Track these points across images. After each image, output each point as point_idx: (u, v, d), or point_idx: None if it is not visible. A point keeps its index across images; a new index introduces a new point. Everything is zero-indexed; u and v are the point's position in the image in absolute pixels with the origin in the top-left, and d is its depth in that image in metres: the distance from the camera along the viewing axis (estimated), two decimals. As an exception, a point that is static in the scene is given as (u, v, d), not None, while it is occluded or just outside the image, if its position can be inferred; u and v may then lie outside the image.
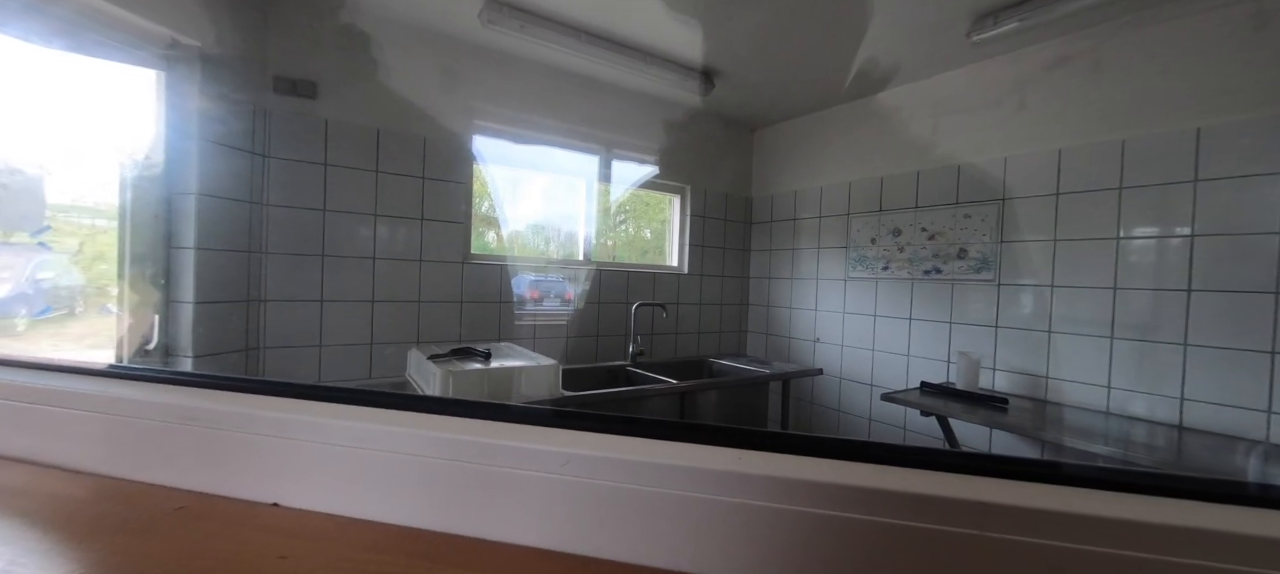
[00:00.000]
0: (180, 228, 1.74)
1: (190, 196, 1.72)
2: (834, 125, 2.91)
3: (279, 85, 1.92)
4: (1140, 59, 1.85)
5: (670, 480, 0.36)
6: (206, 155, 1.75)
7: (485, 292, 2.42)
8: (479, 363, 1.71)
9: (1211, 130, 1.69)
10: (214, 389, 0.51)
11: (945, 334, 2.40)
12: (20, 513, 0.42)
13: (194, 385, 0.52)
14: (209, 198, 1.76)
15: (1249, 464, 1.54)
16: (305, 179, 1.98)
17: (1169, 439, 1.71)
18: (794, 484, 0.35)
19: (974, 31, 1.99)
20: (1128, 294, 1.86)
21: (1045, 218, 2.08)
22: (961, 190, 2.35)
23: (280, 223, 1.95)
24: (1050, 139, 2.06)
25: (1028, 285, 2.13)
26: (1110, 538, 0.32)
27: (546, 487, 0.40)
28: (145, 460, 0.48)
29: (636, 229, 3.20)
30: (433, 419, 0.45)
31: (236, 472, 0.46)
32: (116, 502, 0.44)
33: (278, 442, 0.44)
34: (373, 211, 2.12)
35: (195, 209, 1.72)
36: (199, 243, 1.73)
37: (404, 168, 2.18)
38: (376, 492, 0.43)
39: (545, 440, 0.40)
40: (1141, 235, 1.84)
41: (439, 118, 2.26)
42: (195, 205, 1.72)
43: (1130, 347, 1.86)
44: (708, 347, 3.20)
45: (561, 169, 2.75)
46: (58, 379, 0.54)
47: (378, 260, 2.14)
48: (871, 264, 2.69)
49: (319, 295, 2.02)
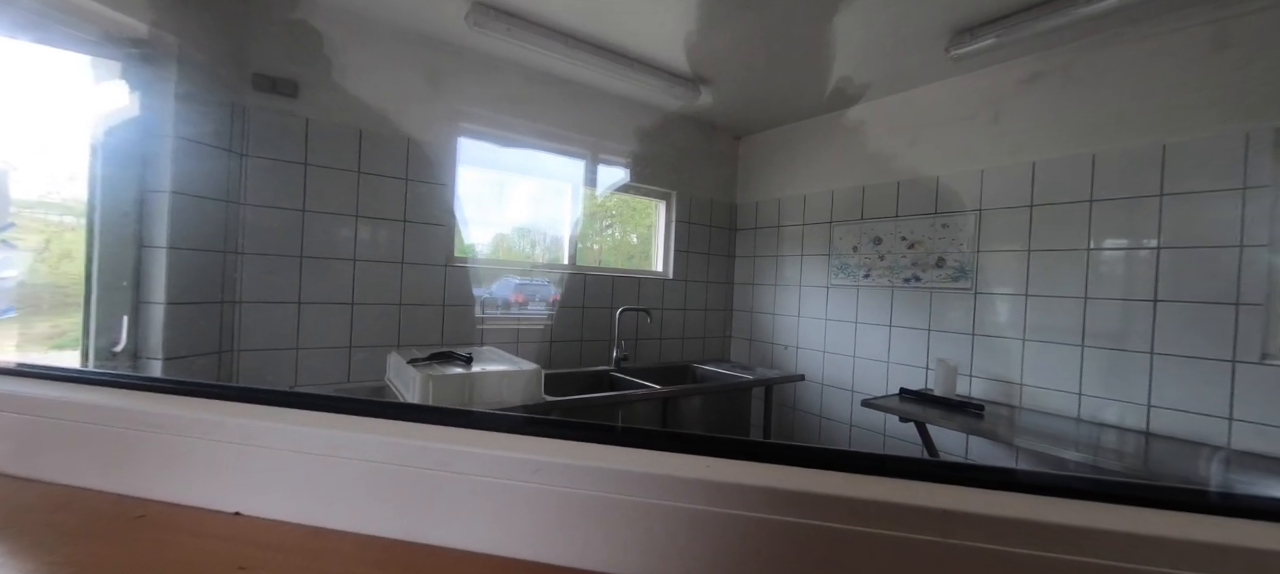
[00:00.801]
0: (152, 227, 1.70)
1: (163, 194, 1.68)
2: (818, 134, 2.96)
3: (259, 83, 1.89)
4: (1109, 77, 1.91)
5: (636, 488, 0.36)
6: (181, 153, 1.71)
7: (468, 295, 2.39)
8: (460, 367, 1.70)
9: (1176, 146, 1.76)
10: (177, 395, 0.49)
11: (924, 341, 2.44)
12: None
13: (156, 391, 0.50)
14: (183, 196, 1.72)
15: (1211, 470, 1.59)
16: (284, 179, 1.94)
17: (1137, 445, 1.76)
18: (758, 491, 0.35)
19: (952, 46, 2.04)
20: (1098, 303, 1.92)
21: (1019, 229, 2.13)
22: (940, 200, 2.40)
23: (257, 223, 1.91)
24: (1024, 152, 2.12)
25: (1003, 294, 2.18)
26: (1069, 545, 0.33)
27: (508, 493, 0.39)
28: (105, 468, 0.47)
29: (623, 234, 3.20)
30: (396, 425, 0.44)
31: (198, 480, 0.45)
32: (74, 510, 0.43)
33: (241, 449, 0.43)
34: (354, 213, 2.09)
35: (168, 207, 1.68)
36: (172, 242, 1.69)
37: (387, 169, 2.15)
38: (340, 500, 0.42)
39: (508, 447, 0.40)
40: (1111, 247, 1.90)
41: (424, 119, 2.24)
42: (168, 204, 1.68)
43: (1100, 355, 1.91)
44: (692, 352, 3.21)
45: (547, 173, 2.75)
46: (14, 383, 0.52)
47: (358, 262, 2.11)
48: (853, 272, 2.73)
49: (296, 297, 1.99)
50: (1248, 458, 1.59)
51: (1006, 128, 2.18)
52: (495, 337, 2.47)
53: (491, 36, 2.11)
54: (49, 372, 0.53)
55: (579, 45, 2.24)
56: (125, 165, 1.66)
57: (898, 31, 2.05)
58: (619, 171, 2.89)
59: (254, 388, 0.48)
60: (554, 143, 2.66)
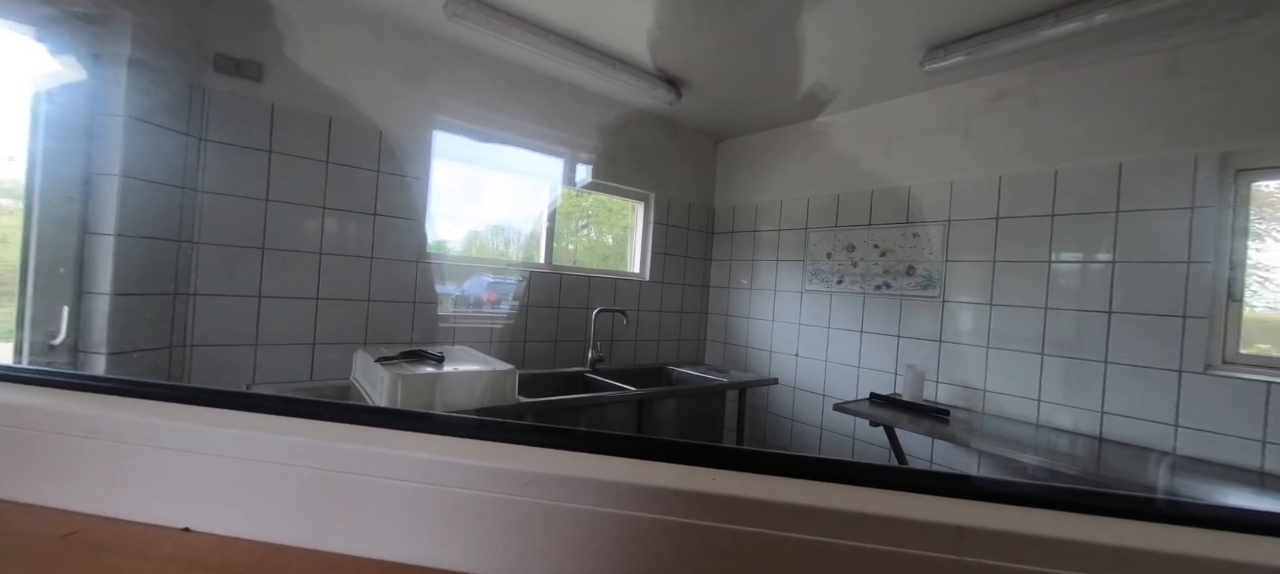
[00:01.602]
0: (98, 212, 1.59)
1: (112, 178, 1.58)
2: (795, 141, 3.00)
3: (221, 64, 1.79)
4: (1070, 97, 2.00)
5: (637, 500, 0.35)
6: (133, 133, 1.61)
7: (441, 292, 2.33)
8: (431, 366, 1.64)
9: (1131, 166, 1.85)
10: (115, 395, 0.44)
11: (894, 347, 2.50)
12: None
13: (90, 390, 0.45)
14: (134, 180, 1.62)
15: (1159, 475, 1.67)
16: (246, 165, 1.85)
17: (1090, 450, 1.84)
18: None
19: (927, 61, 2.09)
20: (1057, 314, 2.00)
21: (985, 240, 2.20)
22: (911, 210, 2.46)
23: (215, 211, 1.81)
24: (992, 166, 2.19)
25: (968, 303, 2.25)
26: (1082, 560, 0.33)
27: (492, 506, 0.36)
28: (28, 477, 0.41)
29: (599, 234, 3.18)
30: (364, 431, 0.40)
31: (140, 491, 0.40)
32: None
33: (191, 457, 0.39)
34: (321, 204, 2.01)
35: (117, 192, 1.58)
36: (120, 229, 1.59)
37: (357, 160, 2.08)
38: (302, 513, 0.38)
39: (491, 457, 0.37)
40: (1070, 259, 1.99)
41: (398, 110, 2.17)
42: (117, 188, 1.58)
43: (1058, 363, 1.99)
44: (667, 354, 3.21)
45: (525, 170, 2.70)
46: None
47: (325, 256, 2.02)
48: (826, 278, 2.78)
49: (257, 291, 1.89)
50: (1192, 463, 1.68)
51: (976, 142, 2.25)
52: (468, 336, 2.41)
53: (470, 28, 2.06)
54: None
55: (559, 41, 2.21)
56: (70, 145, 1.56)
57: (875, 45, 2.10)
58: (596, 171, 2.87)
59: (204, 388, 0.43)
60: (532, 139, 2.62)
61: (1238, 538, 0.34)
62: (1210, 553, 0.32)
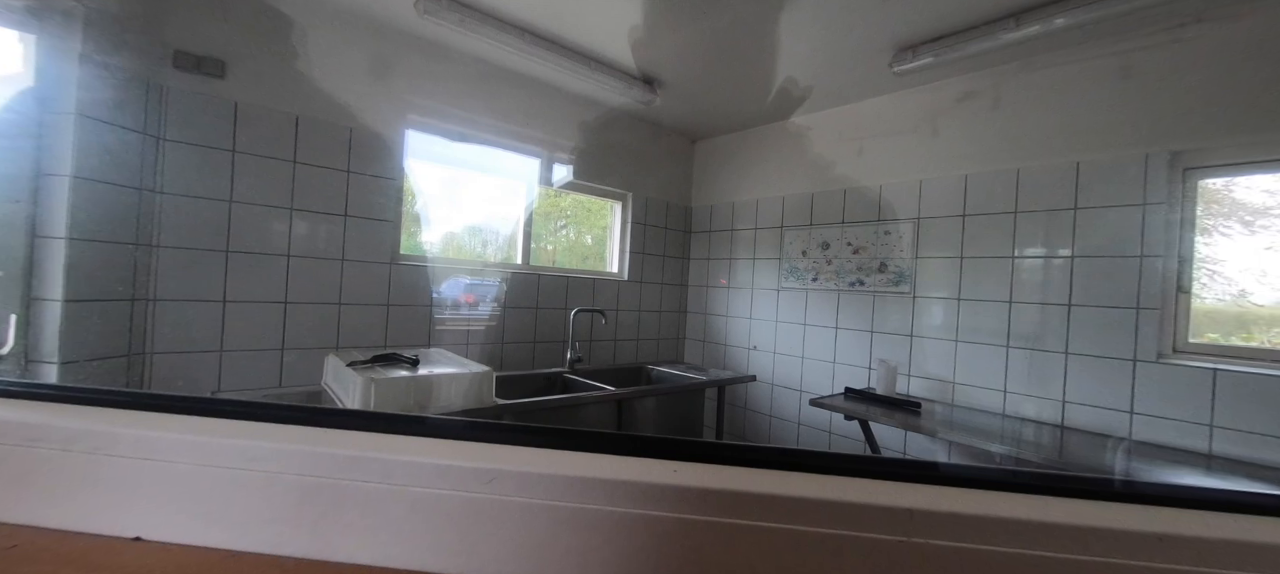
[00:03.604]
0: (48, 214, 1.52)
1: (62, 178, 1.51)
2: (770, 141, 3.04)
3: (181, 60, 1.73)
4: (1031, 99, 2.07)
5: (596, 494, 0.35)
6: (85, 132, 1.54)
7: (415, 295, 2.29)
8: (405, 370, 1.62)
9: (1089, 165, 1.92)
10: (60, 402, 0.42)
11: (867, 342, 2.55)
12: None
13: (33, 398, 0.43)
14: (87, 181, 1.55)
15: (1116, 459, 1.75)
16: (208, 166, 1.79)
17: (1053, 437, 1.91)
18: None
19: (896, 62, 2.14)
20: (1021, 307, 2.07)
21: (953, 237, 2.27)
22: (883, 209, 2.52)
23: (175, 213, 1.75)
24: (958, 165, 2.26)
25: (938, 298, 2.32)
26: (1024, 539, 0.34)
27: (453, 505, 0.36)
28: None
29: (578, 235, 3.17)
30: (321, 434, 0.39)
31: (88, 501, 0.38)
32: None
33: (141, 464, 0.37)
34: (289, 205, 1.95)
35: (68, 193, 1.51)
36: (72, 232, 1.51)
37: (327, 160, 2.03)
38: (257, 519, 0.37)
39: (454, 455, 0.37)
40: (1032, 255, 2.06)
41: (368, 108, 2.13)
42: (68, 189, 1.51)
43: (1022, 354, 2.07)
44: (646, 353, 3.21)
45: (500, 171, 2.67)
46: None
47: (293, 258, 1.97)
48: (802, 276, 2.83)
49: (221, 295, 1.83)
50: (1145, 447, 1.76)
51: (943, 142, 2.32)
52: (444, 338, 2.38)
53: (442, 25, 2.03)
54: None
55: (533, 39, 2.19)
56: (15, 144, 1.48)
57: (846, 46, 2.14)
58: (573, 171, 2.86)
59: (155, 393, 0.41)
60: (507, 139, 2.60)
61: (1167, 512, 0.37)
62: (1143, 527, 0.34)
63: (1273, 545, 0.33)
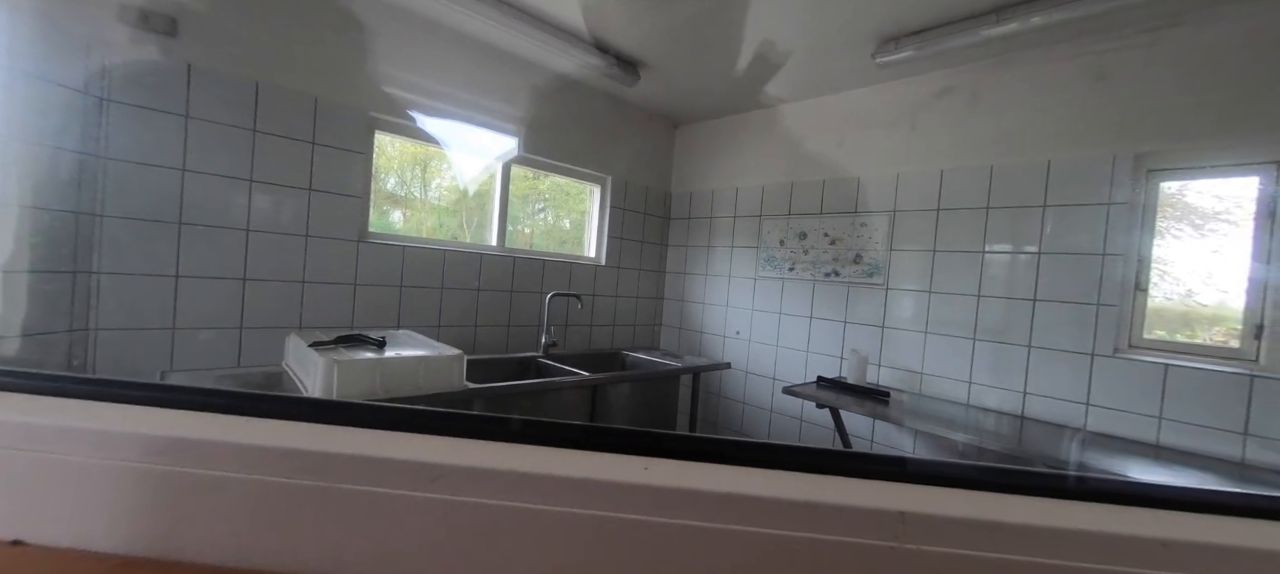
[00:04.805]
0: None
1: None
2: (751, 129, 3.02)
3: (125, 15, 1.60)
4: (1007, 96, 2.10)
5: (563, 494, 0.32)
6: (17, 88, 1.42)
7: (384, 274, 2.21)
8: (371, 352, 1.56)
9: (1059, 163, 1.97)
10: None
11: (840, 332, 2.59)
12: None
13: None
14: (22, 143, 1.43)
15: (1071, 449, 1.82)
16: (157, 131, 1.68)
17: (1013, 427, 1.98)
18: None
19: (879, 53, 2.14)
20: (988, 301, 2.13)
21: (927, 230, 2.31)
22: (860, 200, 2.54)
23: (122, 181, 1.63)
24: (934, 160, 2.29)
25: (910, 290, 2.36)
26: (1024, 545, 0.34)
27: (401, 503, 0.33)
28: None
29: (556, 218, 3.11)
30: (261, 425, 0.35)
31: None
32: None
33: (23, 456, 0.32)
34: (248, 176, 1.85)
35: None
36: (3, 197, 1.40)
37: (289, 129, 1.92)
38: (164, 521, 0.33)
39: (375, 445, 0.34)
40: (1001, 250, 2.11)
41: (335, 77, 2.02)
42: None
43: (988, 347, 2.12)
44: (622, 339, 3.20)
45: (476, 149, 2.59)
46: None
47: (253, 232, 1.87)
48: (779, 265, 2.84)
49: (173, 270, 1.73)
50: (1100, 438, 1.84)
51: (921, 136, 2.34)
52: (414, 319, 2.31)
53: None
54: None
55: (513, 12, 2.11)
56: (-65, 99, 1.35)
57: (829, 34, 2.13)
58: (551, 152, 2.79)
59: (34, 372, 0.36)
60: (483, 116, 2.51)
61: (1172, 516, 0.36)
62: (1137, 532, 0.34)
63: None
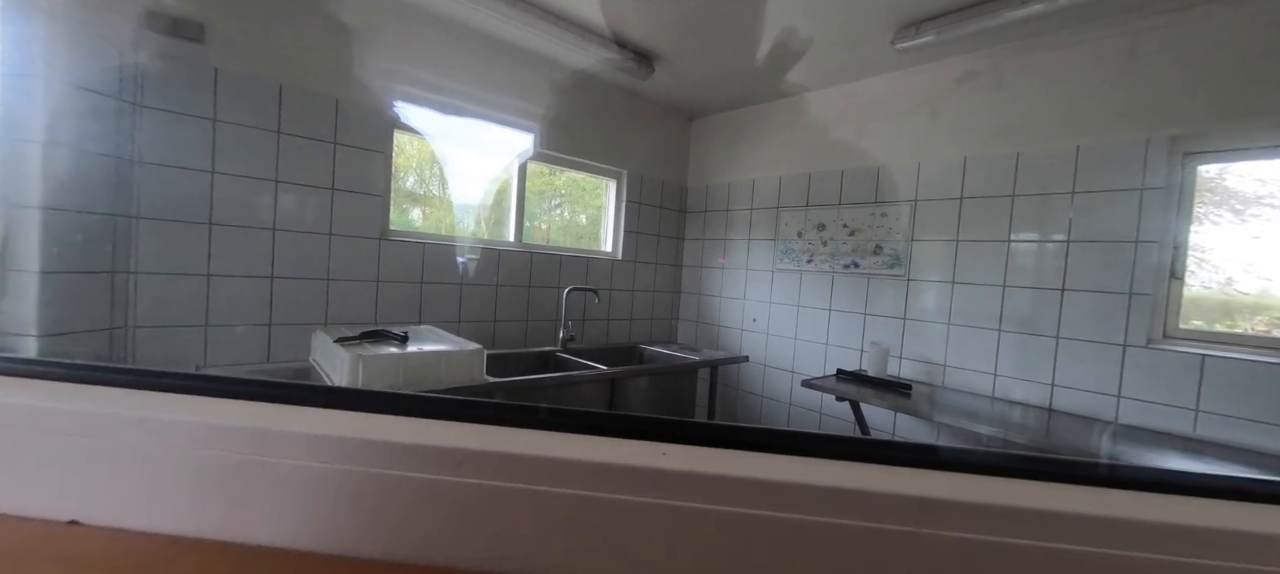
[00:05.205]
0: (21, 183, 1.46)
1: (34, 145, 1.45)
2: (768, 120, 2.99)
3: (155, 22, 1.66)
4: (1033, 80, 2.04)
5: (577, 478, 0.33)
6: (57, 98, 1.48)
7: (405, 271, 2.26)
8: (394, 346, 1.59)
9: (1088, 149, 1.90)
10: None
11: (860, 325, 2.56)
12: None
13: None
14: (62, 149, 1.49)
15: (1101, 442, 1.77)
16: (188, 135, 1.73)
17: (1040, 420, 1.93)
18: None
19: (898, 39, 2.10)
20: (1014, 291, 2.07)
21: (949, 220, 2.26)
22: (880, 190, 2.50)
23: (155, 183, 1.69)
24: (957, 147, 2.23)
25: (932, 281, 2.32)
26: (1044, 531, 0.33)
27: (431, 489, 0.34)
28: None
29: (572, 214, 3.12)
30: (265, 409, 0.37)
31: (21, 482, 0.36)
32: None
33: (76, 441, 0.34)
34: (273, 177, 1.90)
35: (41, 161, 1.45)
36: (47, 202, 1.46)
37: (312, 131, 1.97)
38: (210, 502, 0.35)
39: (422, 434, 0.35)
40: (1027, 239, 2.05)
41: (355, 78, 2.06)
42: (41, 156, 1.45)
43: (1014, 338, 2.07)
44: (640, 333, 3.21)
45: (493, 146, 2.62)
46: None
47: (279, 232, 1.92)
48: (797, 257, 2.81)
49: (205, 269, 1.79)
50: (1131, 431, 1.78)
51: (943, 123, 2.29)
52: (435, 315, 2.35)
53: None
54: None
55: (527, 8, 2.12)
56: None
57: (848, 21, 2.09)
58: (567, 148, 2.80)
59: (94, 365, 0.39)
60: (500, 114, 2.53)
61: (1189, 503, 0.35)
62: (1167, 518, 0.33)
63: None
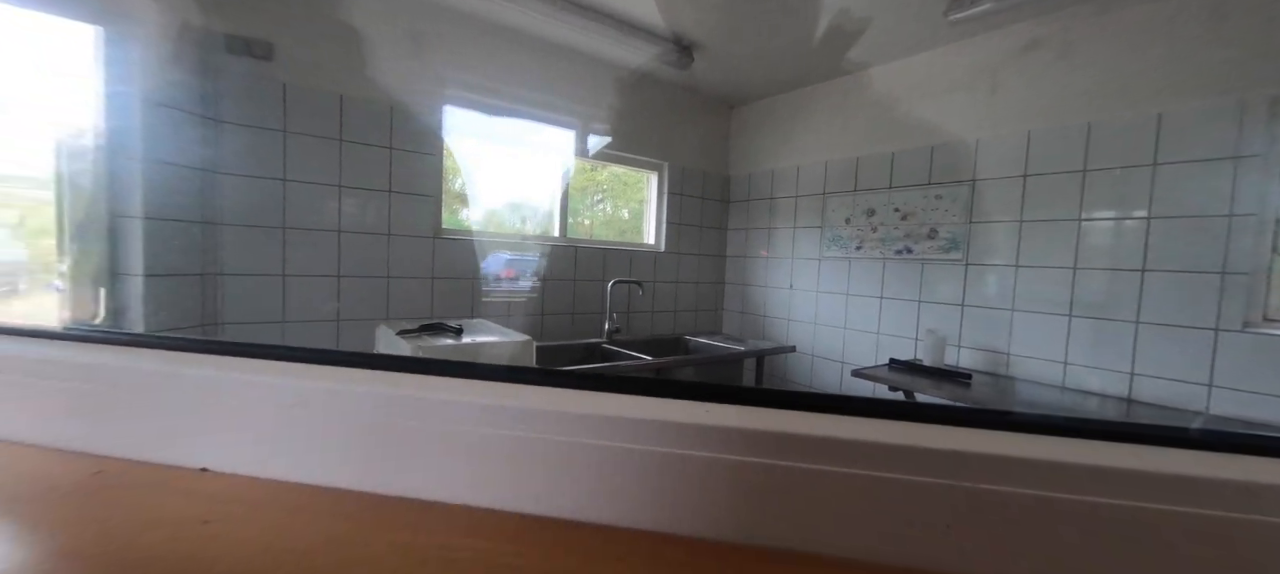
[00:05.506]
0: (125, 196, 1.63)
1: (135, 162, 1.62)
2: (812, 104, 2.91)
3: (232, 45, 1.80)
4: (1107, 44, 1.88)
5: (634, 435, 0.36)
6: (152, 119, 1.64)
7: (457, 267, 2.36)
8: (450, 338, 1.67)
9: (1172, 116, 1.74)
10: (136, 347, 0.47)
11: (914, 312, 2.46)
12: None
13: (114, 344, 0.48)
14: (157, 164, 1.65)
15: (1190, 434, 1.62)
16: (263, 146, 1.88)
17: (1118, 411, 1.80)
18: (752, 435, 0.34)
19: (951, 10, 1.99)
20: (1087, 274, 1.93)
21: (1012, 199, 2.13)
22: (934, 171, 2.38)
23: (237, 192, 1.85)
24: (1019, 122, 2.10)
25: (994, 265, 2.19)
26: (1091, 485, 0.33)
27: (489, 443, 0.38)
28: (61, 425, 0.45)
29: (615, 208, 3.16)
30: (367, 375, 0.43)
31: (161, 435, 0.43)
32: (28, 468, 0.41)
33: (205, 402, 0.41)
34: (337, 182, 2.03)
35: (141, 176, 1.62)
36: (147, 212, 1.63)
37: (370, 137, 2.09)
38: (310, 452, 0.41)
39: (492, 395, 0.39)
40: (1101, 217, 1.90)
41: (407, 85, 2.17)
42: (141, 172, 1.62)
43: (1087, 324, 1.93)
44: (684, 324, 3.21)
45: (537, 144, 2.68)
46: None
47: (343, 234, 2.06)
48: (845, 244, 2.73)
49: (281, 269, 1.94)
50: (1224, 423, 1.63)
51: (1004, 97, 2.15)
52: (486, 309, 2.44)
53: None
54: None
55: (567, 6, 2.16)
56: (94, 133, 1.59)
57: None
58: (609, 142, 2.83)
59: (218, 341, 0.46)
60: (543, 111, 2.59)
61: (1228, 459, 0.35)
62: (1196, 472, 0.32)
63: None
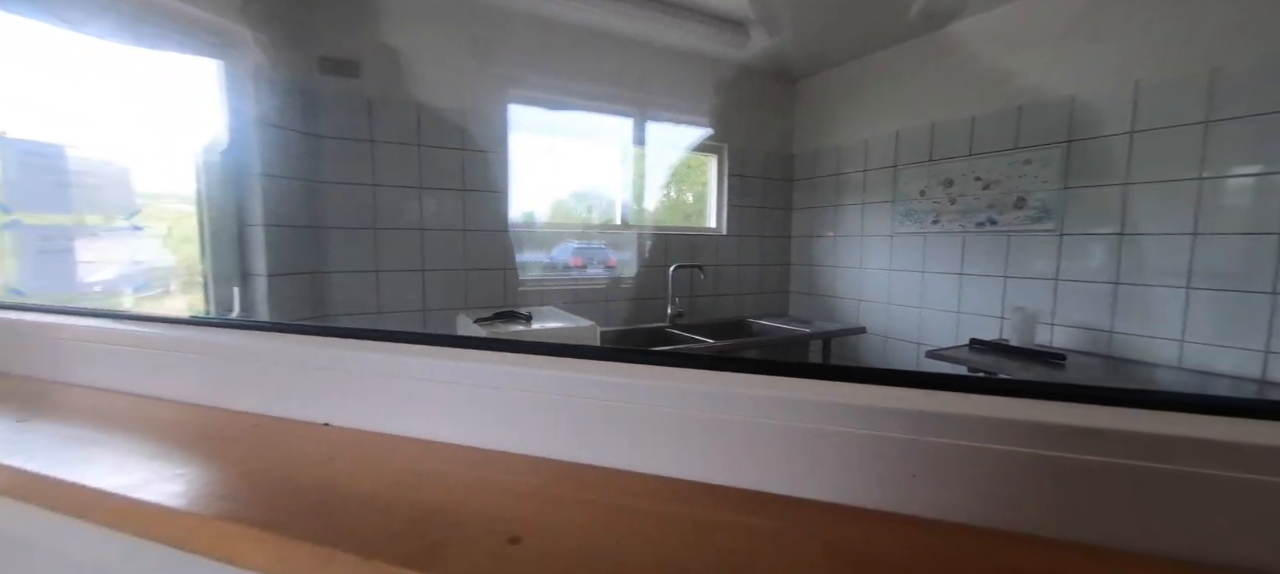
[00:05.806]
0: (250, 207, 1.89)
1: (255, 177, 1.87)
2: (880, 71, 2.75)
3: (324, 66, 2.01)
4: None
5: (809, 414, 0.41)
6: (266, 137, 1.88)
7: (526, 258, 2.50)
8: (521, 325, 1.80)
9: (1322, 49, 1.49)
10: (273, 332, 0.64)
11: (999, 289, 2.28)
12: (139, 432, 0.56)
13: (250, 330, 0.65)
14: (271, 177, 1.89)
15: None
16: (355, 156, 2.09)
17: (1248, 393, 1.58)
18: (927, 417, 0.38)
19: (1037, -45, 1.80)
20: (1209, 239, 1.70)
21: (1116, 160, 1.91)
22: (1022, 134, 2.18)
23: (336, 199, 2.08)
24: (1124, 71, 1.87)
25: (1095, 234, 1.98)
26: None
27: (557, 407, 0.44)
28: (227, 391, 0.63)
29: (678, 193, 3.17)
30: (469, 353, 0.54)
31: (297, 399, 0.59)
32: (207, 422, 0.59)
33: (329, 374, 0.56)
34: (418, 185, 2.21)
35: (260, 189, 1.86)
36: (267, 220, 1.88)
37: (444, 140, 2.25)
38: (413, 413, 0.53)
39: (558, 368, 0.45)
40: (1232, 175, 1.66)
41: (476, 89, 2.31)
42: (260, 185, 1.86)
43: (1210, 297, 1.71)
44: (748, 307, 3.18)
45: (598, 134, 2.75)
46: (159, 329, 0.68)
47: (425, 231, 2.25)
48: (920, 218, 2.57)
49: (374, 266, 2.16)
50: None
51: (1105, 44, 1.92)
52: (555, 297, 2.57)
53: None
54: (183, 320, 0.71)
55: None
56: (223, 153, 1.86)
57: (972, -55, 1.84)
58: (670, 128, 2.85)
59: (333, 326, 0.62)
60: (603, 103, 2.66)
61: None
62: None
63: None
